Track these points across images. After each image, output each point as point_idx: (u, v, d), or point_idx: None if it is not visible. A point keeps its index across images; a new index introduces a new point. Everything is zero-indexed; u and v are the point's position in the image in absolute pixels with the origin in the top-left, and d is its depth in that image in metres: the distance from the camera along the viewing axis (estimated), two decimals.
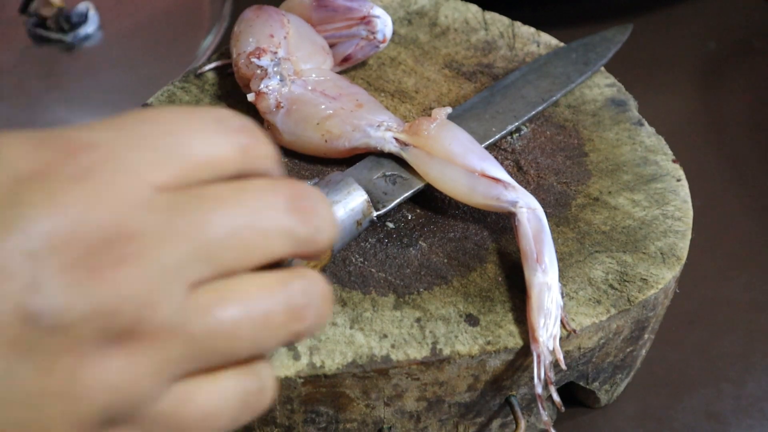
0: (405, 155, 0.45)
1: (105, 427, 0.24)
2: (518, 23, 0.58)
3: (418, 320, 0.40)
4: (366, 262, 0.43)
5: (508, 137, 0.50)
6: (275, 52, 0.48)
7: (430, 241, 0.44)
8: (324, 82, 0.48)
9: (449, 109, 0.46)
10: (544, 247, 0.41)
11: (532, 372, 0.41)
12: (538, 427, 0.47)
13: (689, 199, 0.46)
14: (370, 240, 0.44)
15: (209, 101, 0.52)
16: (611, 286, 0.42)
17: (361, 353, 0.39)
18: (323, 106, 0.47)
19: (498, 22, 0.59)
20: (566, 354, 0.41)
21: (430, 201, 0.46)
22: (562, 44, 0.57)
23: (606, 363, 0.44)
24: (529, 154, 0.49)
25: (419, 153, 0.45)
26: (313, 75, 0.49)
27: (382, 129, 0.45)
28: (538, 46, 0.57)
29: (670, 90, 0.72)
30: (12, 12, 0.78)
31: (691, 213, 0.46)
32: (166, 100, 0.52)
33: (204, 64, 0.54)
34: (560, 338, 0.40)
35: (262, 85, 0.47)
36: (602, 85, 0.54)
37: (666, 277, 0.42)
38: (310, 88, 0.48)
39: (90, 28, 0.75)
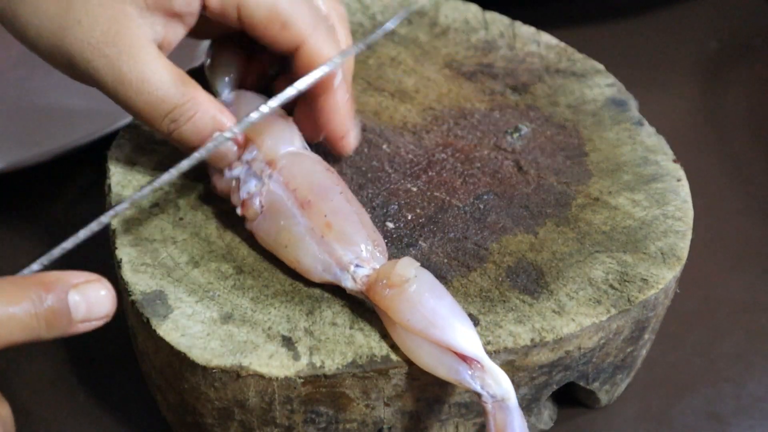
0: (374, 308, 0.40)
1: None
2: (518, 23, 0.58)
3: None
4: None
5: (508, 137, 0.50)
6: (242, 152, 0.43)
7: (430, 241, 0.44)
8: (296, 175, 0.42)
9: (413, 269, 0.39)
10: None
11: (532, 372, 0.41)
12: (538, 427, 0.47)
13: (689, 199, 0.46)
14: None
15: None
16: (611, 286, 0.42)
17: (361, 353, 0.39)
18: (292, 221, 0.41)
19: (498, 21, 0.59)
20: (566, 354, 0.41)
21: (431, 201, 0.46)
22: (562, 44, 0.57)
23: (606, 363, 0.44)
24: (529, 154, 0.49)
25: (381, 312, 0.39)
26: (285, 162, 0.43)
27: (348, 277, 0.40)
28: (539, 45, 0.57)
29: (670, 90, 0.72)
30: None
31: (691, 213, 0.46)
32: None
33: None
34: (560, 338, 0.40)
35: (243, 194, 0.43)
36: (602, 85, 0.54)
37: (666, 277, 0.42)
38: (283, 182, 0.42)
39: None
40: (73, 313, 0.33)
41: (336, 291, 0.41)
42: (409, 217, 0.45)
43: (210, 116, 0.42)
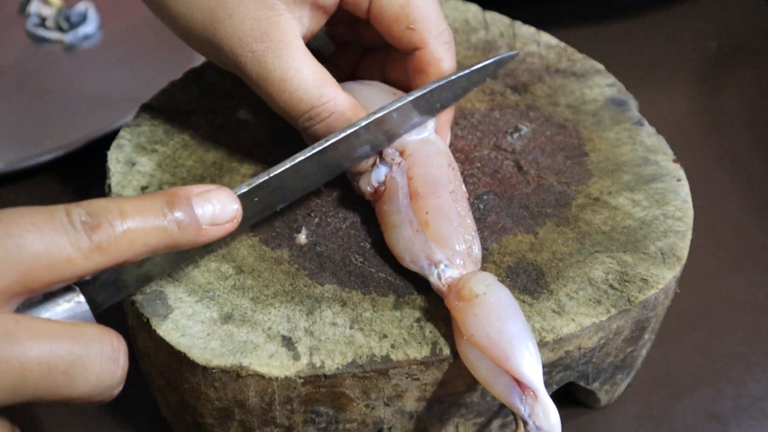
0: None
1: None
2: (518, 23, 0.58)
3: (418, 320, 0.40)
4: (366, 262, 0.43)
5: (508, 137, 0.50)
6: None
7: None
8: (417, 164, 0.43)
9: (489, 284, 0.39)
10: None
11: None
12: None
13: (689, 199, 0.46)
14: (369, 240, 0.44)
15: (209, 101, 0.52)
16: (611, 286, 0.42)
17: (361, 353, 0.39)
18: (399, 208, 0.42)
19: (498, 22, 0.59)
20: (566, 354, 0.41)
21: None
22: (562, 44, 0.57)
23: (606, 363, 0.44)
24: (530, 154, 0.49)
25: (454, 321, 0.39)
26: (411, 151, 0.44)
27: (435, 273, 0.40)
28: (538, 45, 0.57)
29: (670, 90, 0.72)
30: (12, 12, 0.78)
31: (691, 213, 0.46)
32: (166, 100, 0.52)
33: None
34: (560, 338, 0.40)
35: (374, 181, 0.44)
36: (602, 85, 0.54)
37: (666, 277, 0.42)
38: (406, 170, 0.43)
39: (89, 27, 0.76)
40: (199, 218, 0.35)
41: (336, 283, 0.41)
42: None
43: (345, 119, 0.43)
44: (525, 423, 0.36)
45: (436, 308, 0.41)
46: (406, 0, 0.43)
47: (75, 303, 0.34)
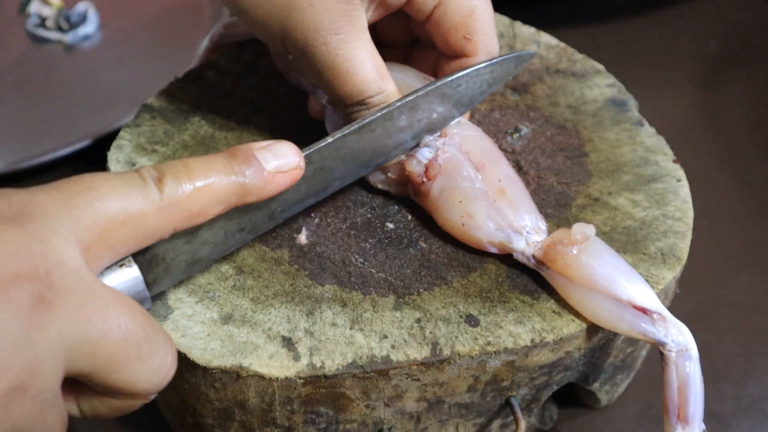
0: (542, 273, 0.41)
1: None
2: (518, 23, 0.58)
3: (418, 321, 0.40)
4: (366, 263, 0.43)
5: (508, 137, 0.50)
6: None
7: (430, 241, 0.44)
8: (467, 140, 0.45)
9: (593, 229, 0.41)
10: (688, 402, 0.37)
11: (532, 373, 0.41)
12: (539, 427, 0.47)
13: (689, 200, 0.46)
14: (370, 240, 0.44)
15: (209, 101, 0.52)
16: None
17: (361, 354, 0.39)
18: (467, 183, 0.43)
19: (498, 22, 0.59)
20: (567, 354, 0.41)
21: None
22: (562, 44, 0.57)
23: (606, 364, 0.44)
24: (530, 154, 0.49)
25: (558, 276, 0.40)
26: (455, 130, 0.45)
27: (522, 239, 0.41)
28: (538, 46, 0.57)
29: (670, 90, 0.72)
30: (12, 12, 0.78)
31: (691, 213, 0.46)
32: (166, 100, 0.52)
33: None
34: (560, 338, 0.40)
35: (423, 160, 0.44)
36: (602, 85, 0.54)
37: (666, 277, 0.42)
38: (458, 146, 0.44)
39: (89, 28, 0.76)
40: (266, 166, 0.37)
41: (336, 283, 0.41)
42: (409, 218, 0.45)
43: None
44: (663, 345, 0.38)
45: (436, 308, 0.41)
46: (470, 11, 0.44)
47: (132, 277, 0.35)
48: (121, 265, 0.35)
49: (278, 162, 0.37)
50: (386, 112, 0.42)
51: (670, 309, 0.47)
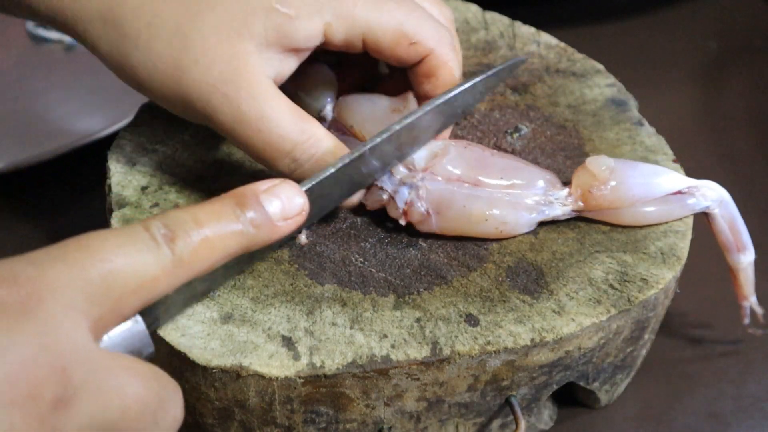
0: (584, 215, 0.44)
1: None
2: (518, 23, 0.58)
3: (418, 320, 0.40)
4: (366, 262, 0.43)
5: (508, 137, 0.50)
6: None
7: (430, 241, 0.44)
8: (451, 168, 0.44)
9: (608, 158, 0.44)
10: (740, 234, 0.45)
11: (532, 372, 0.41)
12: (538, 427, 0.47)
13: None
14: (370, 240, 0.44)
15: None
16: (611, 286, 0.42)
17: (361, 353, 0.39)
18: (476, 200, 0.43)
19: (498, 22, 0.59)
20: (566, 354, 0.41)
21: None
22: (562, 44, 0.57)
23: (606, 363, 0.44)
24: (530, 154, 0.49)
25: (602, 213, 0.44)
26: (427, 160, 0.44)
27: (556, 206, 0.44)
28: (538, 46, 0.57)
29: (670, 90, 0.72)
30: None
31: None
32: None
33: None
34: (560, 338, 0.40)
35: (401, 204, 0.43)
36: (602, 85, 0.54)
37: (666, 277, 0.42)
38: (440, 179, 0.43)
39: None
40: (272, 215, 0.35)
41: (336, 283, 0.41)
42: None
43: (331, 155, 0.42)
44: (706, 208, 0.44)
45: (436, 308, 0.41)
46: (397, 21, 0.42)
47: (132, 323, 0.33)
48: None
49: (284, 208, 0.36)
50: (391, 134, 0.41)
51: (670, 309, 0.47)
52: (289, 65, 0.42)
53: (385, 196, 0.43)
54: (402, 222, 0.44)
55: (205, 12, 0.41)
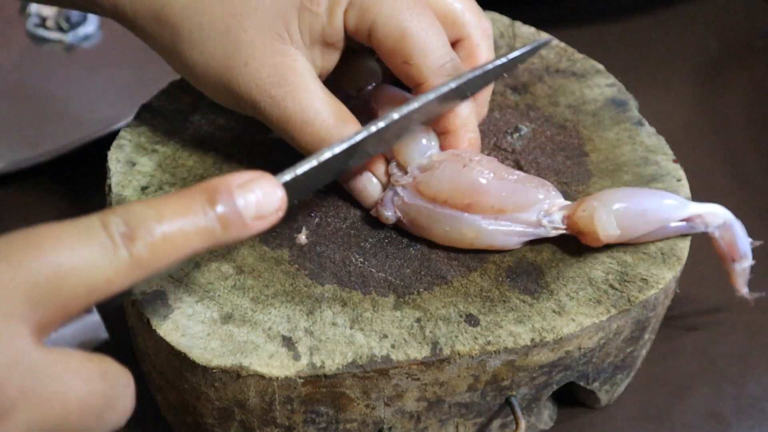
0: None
1: None
2: (518, 23, 0.58)
3: (418, 320, 0.40)
4: (366, 262, 0.43)
5: (508, 137, 0.50)
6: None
7: (430, 241, 0.44)
8: (440, 189, 0.42)
9: (614, 229, 0.42)
10: (738, 249, 0.45)
11: (532, 372, 0.41)
12: (538, 427, 0.47)
13: (689, 199, 0.46)
14: (370, 240, 0.44)
15: (209, 101, 0.52)
16: (611, 286, 0.42)
17: (361, 353, 0.39)
18: (463, 222, 0.42)
19: (498, 21, 0.59)
20: (566, 354, 0.41)
21: None
22: (562, 44, 0.57)
23: (606, 363, 0.44)
24: (530, 154, 0.49)
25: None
26: (421, 178, 0.43)
27: (547, 229, 0.42)
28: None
29: (670, 90, 0.72)
30: (12, 12, 0.78)
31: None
32: (166, 100, 0.52)
33: None
34: (560, 338, 0.40)
35: (391, 218, 0.44)
36: (602, 85, 0.54)
37: (666, 277, 0.42)
38: (426, 196, 0.43)
39: (90, 28, 0.75)
40: (243, 212, 0.33)
41: (336, 283, 0.41)
42: None
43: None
44: (706, 233, 0.44)
45: (436, 308, 0.41)
46: (401, 33, 0.42)
47: (92, 321, 0.32)
48: None
49: (258, 205, 0.33)
50: (380, 128, 0.41)
51: (670, 309, 0.47)
52: (330, 59, 0.44)
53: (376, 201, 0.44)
54: (372, 213, 0.44)
55: (249, 13, 0.42)
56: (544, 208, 0.42)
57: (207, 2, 0.43)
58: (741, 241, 0.45)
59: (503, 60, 0.45)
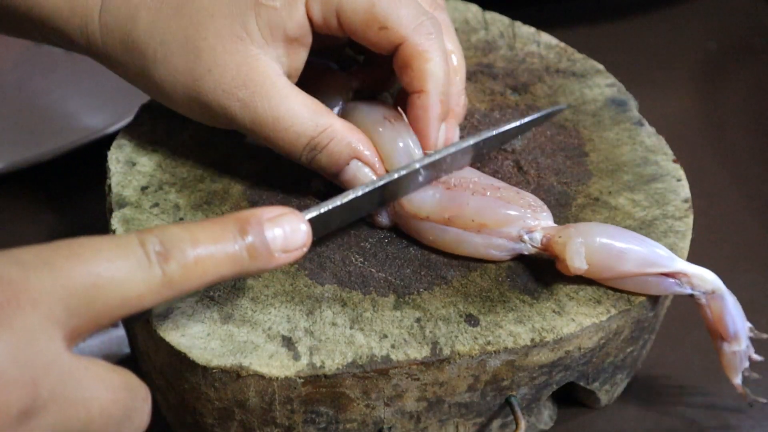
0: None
1: None
2: (518, 23, 0.58)
3: (418, 320, 0.40)
4: (366, 262, 0.43)
5: None
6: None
7: None
8: (420, 207, 0.43)
9: (582, 264, 0.40)
10: (727, 327, 0.42)
11: (532, 372, 0.41)
12: (538, 427, 0.47)
13: (689, 199, 0.46)
14: (370, 240, 0.44)
15: None
16: (611, 287, 0.42)
17: (361, 353, 0.39)
18: (445, 234, 0.43)
19: (498, 22, 0.59)
20: (566, 354, 0.41)
21: None
22: (562, 44, 0.57)
23: (606, 363, 0.44)
24: (530, 154, 0.49)
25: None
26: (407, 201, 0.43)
27: (527, 246, 0.42)
28: (538, 46, 0.57)
29: (670, 90, 0.72)
30: None
31: (691, 213, 0.46)
32: None
33: None
34: (560, 338, 0.40)
35: (385, 223, 0.44)
36: (602, 85, 0.54)
37: None
38: (412, 216, 0.43)
39: None
40: (271, 245, 0.34)
41: (336, 283, 0.41)
42: None
43: (345, 143, 0.42)
44: (692, 296, 0.41)
45: (436, 308, 0.41)
46: (369, 2, 0.41)
47: (116, 336, 0.33)
48: None
49: (286, 241, 0.35)
50: (407, 173, 0.41)
51: (670, 309, 0.47)
52: (297, 57, 0.43)
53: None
54: (368, 220, 0.44)
55: (207, 21, 0.42)
56: (527, 225, 0.42)
57: (166, 19, 0.42)
58: (732, 318, 0.42)
59: (522, 122, 0.46)
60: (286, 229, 0.35)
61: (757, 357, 0.43)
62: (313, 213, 0.38)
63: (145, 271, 0.31)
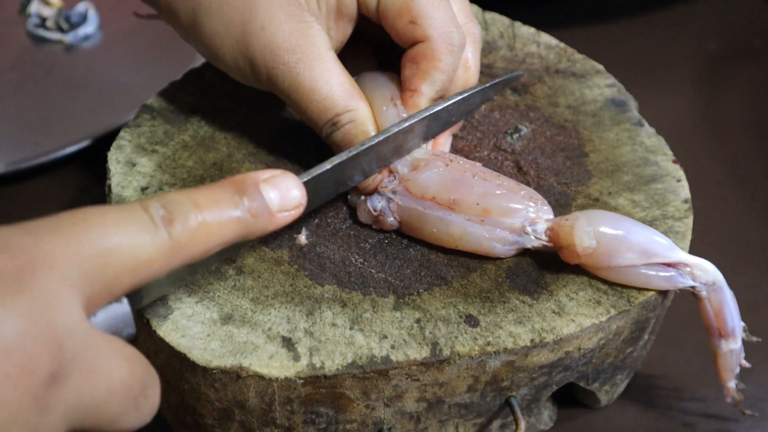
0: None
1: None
2: (518, 23, 0.58)
3: (418, 321, 0.40)
4: (366, 263, 0.43)
5: (508, 138, 0.50)
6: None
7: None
8: (426, 186, 0.43)
9: (590, 241, 0.41)
10: (726, 323, 0.42)
11: (532, 373, 0.41)
12: (538, 427, 0.47)
13: (689, 200, 0.46)
14: (370, 240, 0.44)
15: (209, 101, 0.52)
16: (611, 287, 0.42)
17: (361, 354, 0.39)
18: (448, 223, 0.42)
19: (498, 22, 0.59)
20: (566, 354, 0.41)
21: None
22: (562, 45, 0.57)
23: (606, 364, 0.44)
24: (529, 154, 0.49)
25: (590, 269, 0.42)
26: (410, 168, 0.44)
27: (530, 238, 0.42)
28: (538, 46, 0.57)
29: (670, 90, 0.72)
30: (12, 12, 0.78)
31: (691, 213, 0.46)
32: (166, 100, 0.51)
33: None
34: (560, 338, 0.40)
35: (370, 209, 0.44)
36: (602, 86, 0.54)
37: None
38: (412, 197, 0.43)
39: (90, 28, 0.76)
40: (269, 204, 0.35)
41: (336, 284, 0.41)
42: None
43: (362, 130, 0.43)
44: (693, 287, 0.41)
45: (436, 309, 0.41)
46: None
47: (122, 313, 0.33)
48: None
49: (282, 200, 0.35)
50: (382, 138, 0.42)
51: (670, 309, 0.47)
52: (343, 32, 0.45)
53: (356, 199, 0.45)
54: (374, 226, 0.44)
55: None
56: (530, 217, 0.42)
57: None
58: (730, 312, 0.42)
59: (482, 87, 0.46)
60: (282, 189, 0.36)
61: (746, 363, 0.43)
62: (305, 177, 0.39)
63: (152, 235, 0.31)
